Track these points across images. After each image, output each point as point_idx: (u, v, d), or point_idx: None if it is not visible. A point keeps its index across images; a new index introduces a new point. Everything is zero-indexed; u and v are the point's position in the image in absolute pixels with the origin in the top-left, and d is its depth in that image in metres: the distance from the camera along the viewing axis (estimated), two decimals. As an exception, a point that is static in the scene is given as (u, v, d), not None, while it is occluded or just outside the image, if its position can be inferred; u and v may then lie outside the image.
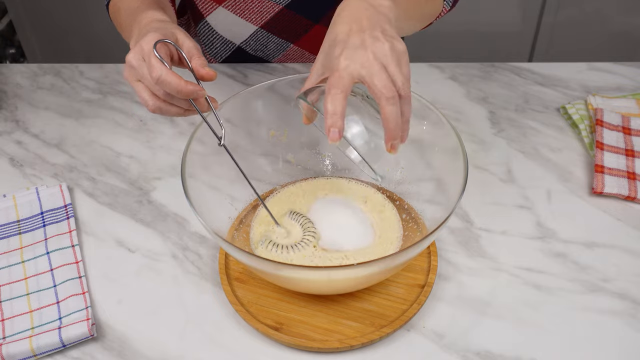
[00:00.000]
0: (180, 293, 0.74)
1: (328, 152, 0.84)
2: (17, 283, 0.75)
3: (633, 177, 0.86)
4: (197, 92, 0.65)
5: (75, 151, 0.95)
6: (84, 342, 0.69)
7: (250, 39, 1.05)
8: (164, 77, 0.63)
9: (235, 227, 0.77)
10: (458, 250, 0.78)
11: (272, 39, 1.05)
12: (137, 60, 0.66)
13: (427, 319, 0.71)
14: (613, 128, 0.93)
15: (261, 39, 1.05)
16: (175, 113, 0.68)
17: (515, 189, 0.87)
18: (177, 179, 0.88)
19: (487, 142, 0.95)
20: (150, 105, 0.67)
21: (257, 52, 1.08)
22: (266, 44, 1.06)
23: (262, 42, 1.06)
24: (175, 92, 0.64)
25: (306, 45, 1.07)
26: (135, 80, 0.67)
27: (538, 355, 0.67)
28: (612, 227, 0.81)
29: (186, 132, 0.97)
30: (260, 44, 1.06)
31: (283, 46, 1.06)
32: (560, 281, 0.74)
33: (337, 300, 0.71)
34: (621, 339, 0.69)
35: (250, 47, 1.07)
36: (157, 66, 0.63)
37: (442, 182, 0.75)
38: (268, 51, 1.07)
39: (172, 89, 0.64)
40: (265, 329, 0.68)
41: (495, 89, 1.06)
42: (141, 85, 0.67)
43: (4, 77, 1.10)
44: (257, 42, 1.06)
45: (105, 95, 1.05)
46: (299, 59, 1.09)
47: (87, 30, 2.03)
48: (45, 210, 0.83)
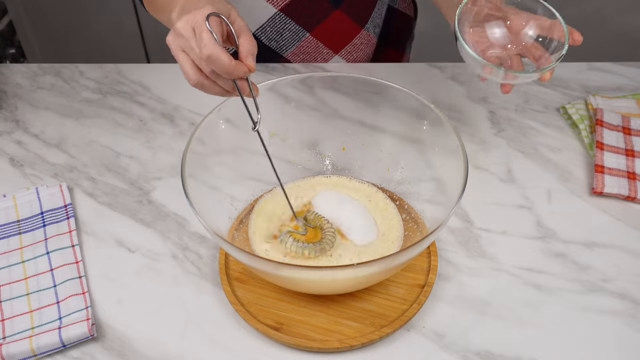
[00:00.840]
0: (180, 293, 0.74)
1: (328, 152, 0.84)
2: (17, 283, 0.75)
3: (633, 177, 0.86)
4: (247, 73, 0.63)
5: (75, 151, 0.95)
6: (84, 342, 0.69)
7: (267, 25, 1.04)
8: (216, 56, 0.60)
9: (235, 227, 0.77)
10: (458, 250, 0.78)
11: (289, 26, 1.03)
12: (187, 30, 0.62)
13: (427, 319, 0.71)
14: (613, 128, 0.93)
15: (278, 24, 1.03)
16: (216, 92, 0.66)
17: (515, 189, 0.87)
18: (177, 179, 0.88)
19: (487, 142, 0.95)
20: (193, 80, 0.64)
21: (272, 42, 1.06)
22: (282, 32, 1.05)
23: (279, 28, 1.04)
24: (225, 73, 0.62)
25: (322, 35, 1.05)
26: (179, 49, 0.64)
27: (538, 355, 0.67)
28: (612, 227, 0.81)
29: (186, 132, 0.97)
30: (276, 31, 1.04)
31: (299, 35, 1.05)
32: (560, 281, 0.74)
33: (337, 300, 0.71)
34: (621, 339, 0.69)
35: (265, 34, 1.05)
36: (208, 43, 0.60)
37: (442, 182, 0.75)
38: (283, 41, 1.06)
39: (221, 69, 0.61)
40: (265, 329, 0.68)
41: (496, 89, 1.06)
42: (186, 56, 0.64)
43: (4, 77, 1.10)
44: (274, 28, 1.04)
45: (105, 95, 1.05)
46: (312, 53, 1.08)
47: (87, 30, 2.03)
48: (45, 210, 0.83)
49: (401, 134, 0.81)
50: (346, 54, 1.09)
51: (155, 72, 1.10)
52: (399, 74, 1.09)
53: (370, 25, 1.08)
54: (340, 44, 1.07)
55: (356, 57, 1.10)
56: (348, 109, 0.85)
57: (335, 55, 1.08)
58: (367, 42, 1.09)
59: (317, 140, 0.84)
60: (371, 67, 1.10)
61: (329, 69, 1.09)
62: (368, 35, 1.08)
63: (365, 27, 1.07)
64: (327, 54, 1.08)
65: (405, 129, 0.80)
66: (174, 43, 0.64)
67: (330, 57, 1.09)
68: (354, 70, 1.09)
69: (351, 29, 1.06)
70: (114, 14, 1.98)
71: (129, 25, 2.01)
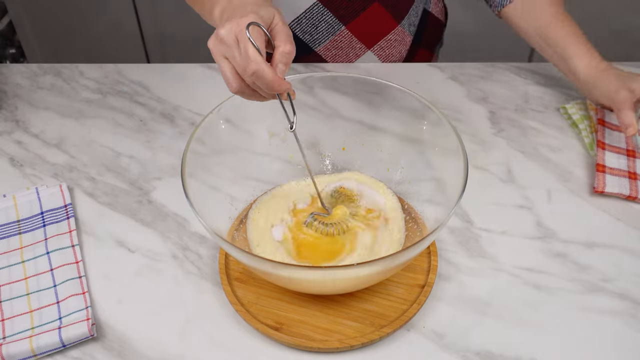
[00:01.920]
0: (180, 293, 0.74)
1: (328, 152, 0.84)
2: (17, 283, 0.75)
3: (634, 177, 0.86)
4: (289, 90, 0.63)
5: (75, 151, 0.95)
6: (84, 342, 0.69)
7: (304, 15, 1.03)
8: (261, 72, 0.60)
9: (235, 227, 0.77)
10: (458, 250, 0.78)
11: (325, 17, 1.03)
12: (230, 38, 0.62)
13: (427, 319, 0.71)
14: (615, 128, 0.93)
15: (316, 15, 1.03)
16: (255, 99, 0.66)
17: (515, 189, 0.87)
18: (177, 179, 0.88)
19: (487, 142, 0.95)
20: (235, 87, 0.64)
21: (305, 35, 1.05)
22: (318, 24, 1.04)
23: (315, 20, 1.03)
24: (267, 89, 0.62)
25: (358, 29, 1.05)
26: (221, 56, 0.64)
27: (538, 355, 0.67)
28: (612, 227, 0.81)
29: (186, 132, 0.97)
30: (312, 23, 1.04)
31: (335, 28, 1.04)
32: (560, 281, 0.74)
33: (337, 300, 0.71)
34: (621, 339, 0.69)
35: (300, 26, 1.04)
36: (254, 59, 0.60)
37: (442, 182, 0.75)
38: (317, 34, 1.05)
39: (265, 86, 0.61)
40: (265, 329, 0.68)
41: (495, 89, 1.06)
42: (228, 64, 0.64)
43: (4, 77, 1.10)
44: (310, 20, 1.03)
45: (105, 95, 1.05)
46: (345, 48, 1.07)
47: (87, 30, 2.03)
48: (45, 210, 0.83)
49: (401, 134, 0.81)
50: (379, 49, 1.08)
51: (155, 72, 1.10)
52: (399, 74, 1.09)
53: (406, 23, 1.07)
54: (375, 38, 1.07)
55: (388, 54, 1.10)
56: (348, 109, 0.85)
57: (368, 50, 1.08)
58: (401, 40, 1.09)
59: (317, 140, 0.84)
60: (371, 67, 1.10)
61: (329, 69, 1.09)
62: (403, 33, 1.08)
63: (401, 23, 1.07)
64: (360, 49, 1.07)
65: (405, 129, 0.80)
66: (215, 49, 0.64)
67: (362, 52, 1.08)
68: (353, 70, 1.09)
69: (387, 23, 1.06)
70: (114, 14, 1.98)
71: (129, 25, 2.01)
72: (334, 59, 1.09)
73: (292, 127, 0.68)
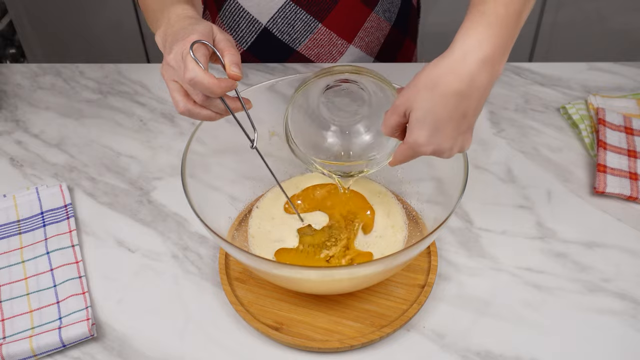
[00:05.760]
0: (180, 293, 0.74)
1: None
2: (17, 283, 0.75)
3: (635, 178, 0.86)
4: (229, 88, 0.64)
5: (75, 151, 0.95)
6: (84, 342, 0.69)
7: (278, 15, 1.03)
8: (198, 79, 0.62)
9: (235, 227, 0.77)
10: (458, 250, 0.78)
11: (300, 15, 1.03)
12: (177, 61, 0.64)
13: (427, 319, 0.71)
14: (615, 128, 0.93)
15: (289, 14, 1.03)
16: (205, 117, 0.67)
17: (515, 189, 0.87)
18: (177, 179, 0.88)
19: (487, 142, 0.95)
20: (181, 107, 0.66)
21: (284, 35, 1.06)
22: (293, 23, 1.04)
23: (290, 19, 1.04)
24: (209, 92, 0.63)
25: (334, 24, 1.05)
26: (171, 79, 0.67)
27: (538, 355, 0.67)
28: (612, 227, 0.81)
29: (186, 132, 0.97)
30: (287, 22, 1.04)
31: (311, 26, 1.04)
32: (561, 281, 0.74)
33: (337, 300, 0.71)
34: (621, 339, 0.69)
35: (277, 27, 1.05)
36: (190, 67, 0.62)
37: (442, 182, 0.75)
38: (295, 33, 1.06)
39: (205, 89, 0.63)
40: (265, 329, 0.68)
41: (495, 89, 1.06)
42: (176, 85, 0.66)
43: (4, 77, 1.10)
44: (285, 19, 1.04)
45: (105, 95, 1.05)
46: (327, 45, 1.07)
47: (87, 30, 2.03)
48: (45, 210, 0.83)
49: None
50: (359, 40, 1.08)
51: (155, 72, 1.10)
52: (399, 74, 1.09)
53: (379, 9, 1.07)
54: (353, 30, 1.07)
55: (368, 43, 1.10)
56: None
57: (350, 45, 1.08)
58: (377, 26, 1.09)
59: (317, 140, 0.84)
60: (371, 67, 1.10)
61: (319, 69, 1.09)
62: (378, 19, 1.08)
63: (375, 10, 1.06)
64: (342, 45, 1.07)
65: (405, 129, 0.80)
66: (166, 75, 0.67)
67: (345, 48, 1.08)
68: (354, 70, 1.09)
69: (361, 12, 1.05)
70: (114, 14, 1.98)
71: (129, 25, 2.01)
72: (318, 58, 1.09)
73: (252, 145, 0.69)
